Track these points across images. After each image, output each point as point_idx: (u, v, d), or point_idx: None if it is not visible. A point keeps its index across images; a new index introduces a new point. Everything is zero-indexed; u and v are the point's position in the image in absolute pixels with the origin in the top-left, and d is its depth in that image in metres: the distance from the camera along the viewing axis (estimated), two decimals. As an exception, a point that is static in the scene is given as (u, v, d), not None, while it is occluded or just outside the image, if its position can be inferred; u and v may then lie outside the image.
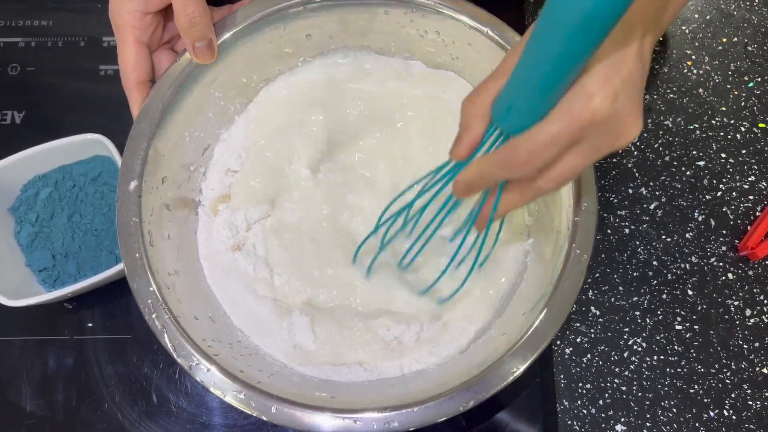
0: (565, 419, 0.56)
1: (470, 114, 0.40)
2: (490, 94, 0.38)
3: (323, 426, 0.45)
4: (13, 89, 0.70)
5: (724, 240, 0.62)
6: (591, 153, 0.37)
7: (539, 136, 0.36)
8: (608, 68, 0.35)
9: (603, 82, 0.35)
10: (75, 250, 0.61)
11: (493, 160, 0.39)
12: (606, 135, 0.37)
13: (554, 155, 0.37)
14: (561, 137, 0.36)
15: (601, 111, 0.35)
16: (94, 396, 0.60)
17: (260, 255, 0.58)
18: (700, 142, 0.65)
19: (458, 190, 0.42)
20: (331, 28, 0.59)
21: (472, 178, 0.41)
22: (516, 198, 0.42)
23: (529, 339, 0.47)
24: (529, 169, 0.37)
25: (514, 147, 0.37)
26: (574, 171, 0.38)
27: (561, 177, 0.39)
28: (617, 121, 0.36)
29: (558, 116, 0.35)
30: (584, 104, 0.35)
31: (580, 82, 0.35)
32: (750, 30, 0.69)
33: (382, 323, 0.55)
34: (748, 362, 0.58)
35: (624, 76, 0.35)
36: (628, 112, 0.36)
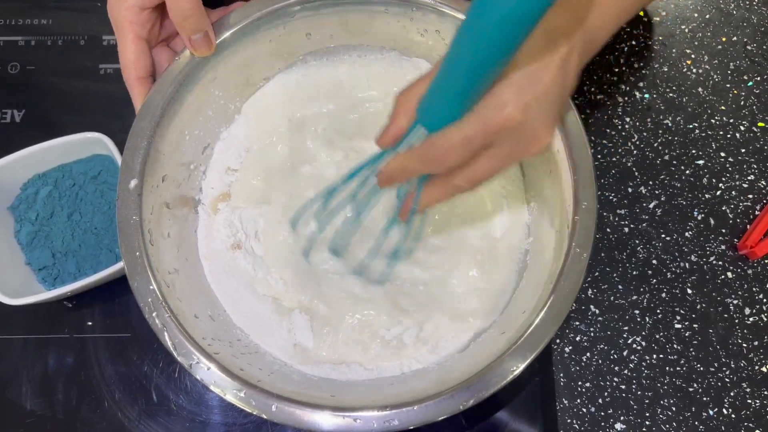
0: (565, 418, 0.57)
1: (399, 106, 0.42)
2: (420, 90, 0.41)
3: (323, 424, 0.45)
4: (13, 88, 0.70)
5: (723, 239, 0.62)
6: (503, 158, 0.40)
7: (453, 137, 0.39)
8: (525, 79, 0.37)
9: (516, 93, 0.37)
10: (75, 249, 0.61)
11: (412, 155, 0.41)
12: (517, 142, 0.39)
13: (467, 156, 0.40)
14: (473, 140, 0.38)
15: (512, 120, 0.37)
16: (94, 395, 0.60)
17: (258, 254, 0.58)
18: (700, 141, 0.65)
19: (381, 179, 0.45)
20: (331, 27, 0.59)
21: (393, 169, 0.43)
22: (435, 193, 0.45)
23: (529, 338, 0.47)
24: (443, 165, 0.40)
25: (431, 144, 0.40)
26: (489, 173, 0.41)
27: (476, 177, 0.42)
28: (528, 130, 0.39)
29: (471, 120, 0.38)
30: (496, 112, 0.37)
31: (495, 89, 0.37)
32: (749, 29, 0.69)
33: (383, 322, 0.55)
34: (747, 361, 0.58)
35: (538, 90, 0.38)
36: (539, 123, 0.39)
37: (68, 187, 0.62)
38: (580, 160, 0.51)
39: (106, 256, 0.61)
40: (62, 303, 0.63)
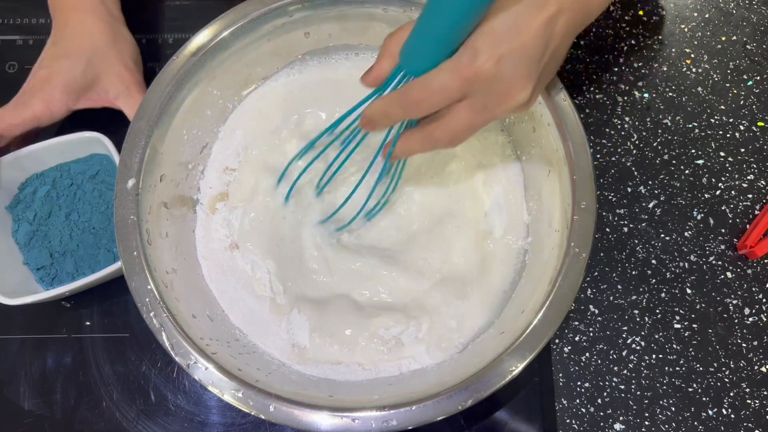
0: (564, 418, 0.56)
1: (385, 48, 0.44)
2: (406, 33, 0.42)
3: (321, 424, 0.45)
4: (11, 87, 0.70)
5: (722, 239, 0.61)
6: (479, 110, 0.41)
7: (430, 81, 0.40)
8: (504, 31, 0.38)
9: (491, 44, 0.38)
10: (73, 249, 0.61)
11: (392, 98, 0.43)
12: (491, 95, 0.40)
13: (443, 102, 0.41)
14: (449, 86, 0.39)
15: (484, 69, 0.38)
16: (92, 395, 0.60)
17: (256, 254, 0.58)
18: (699, 141, 0.65)
19: (363, 122, 0.46)
20: (329, 26, 0.59)
21: (375, 111, 0.44)
22: (414, 143, 0.46)
23: (528, 338, 0.47)
24: (420, 109, 0.41)
25: (409, 87, 0.41)
26: (467, 126, 0.42)
27: (454, 130, 0.43)
28: (502, 83, 0.39)
29: (447, 66, 0.39)
30: (469, 59, 0.38)
31: (473, 37, 0.38)
32: (749, 28, 0.69)
33: (381, 322, 0.55)
34: (746, 361, 0.58)
35: (515, 44, 0.38)
36: (513, 77, 0.39)
37: (66, 186, 0.62)
38: (580, 160, 0.51)
39: (104, 256, 0.61)
40: (60, 303, 0.63)
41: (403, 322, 0.55)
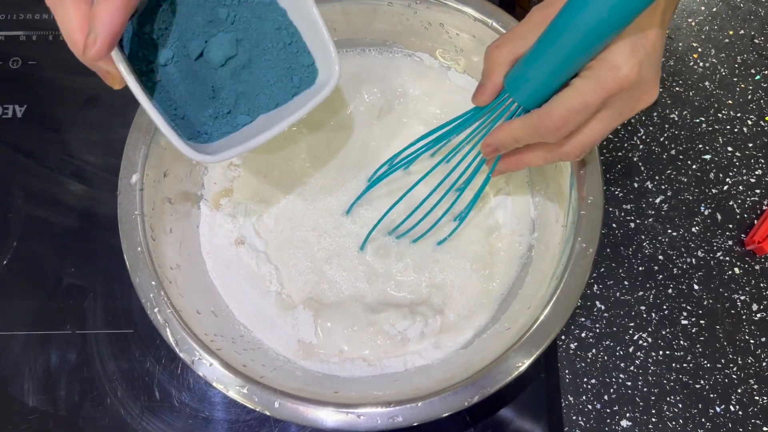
0: (570, 415, 0.56)
1: (494, 62, 0.42)
2: (515, 47, 0.41)
3: (326, 421, 0.45)
4: (14, 83, 0.70)
5: (730, 234, 0.61)
6: (614, 118, 0.40)
7: (571, 104, 0.39)
8: (634, 39, 0.37)
9: (629, 55, 0.37)
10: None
11: (525, 125, 0.42)
12: (628, 101, 0.40)
13: (582, 121, 0.40)
14: (591, 105, 0.38)
15: (629, 80, 0.38)
16: (96, 391, 0.60)
17: (261, 250, 0.58)
18: (707, 136, 0.64)
19: (487, 151, 0.45)
20: (333, 20, 0.59)
21: (503, 139, 0.43)
22: (538, 158, 0.45)
23: (534, 334, 0.47)
24: (560, 134, 0.40)
25: (548, 113, 0.40)
26: (599, 136, 0.41)
27: (586, 142, 0.42)
28: (641, 88, 0.39)
29: (587, 85, 0.38)
30: (612, 75, 0.37)
31: (607, 51, 0.37)
32: (756, 22, 0.68)
33: (387, 318, 0.55)
34: (754, 357, 0.57)
35: (648, 48, 0.38)
36: (650, 79, 0.39)
37: None
38: (586, 155, 0.51)
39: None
40: (64, 298, 0.63)
41: (408, 317, 0.54)
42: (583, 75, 0.38)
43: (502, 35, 0.42)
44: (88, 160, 0.67)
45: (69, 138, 0.68)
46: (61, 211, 0.65)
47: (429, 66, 0.62)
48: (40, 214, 0.65)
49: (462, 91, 0.62)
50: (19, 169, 0.67)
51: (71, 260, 0.64)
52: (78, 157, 0.67)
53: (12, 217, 0.65)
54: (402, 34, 0.60)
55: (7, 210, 0.65)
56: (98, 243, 0.64)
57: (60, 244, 0.64)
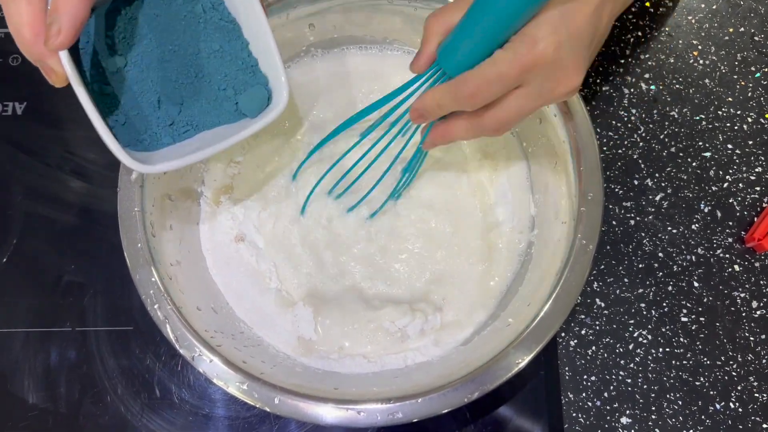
0: (570, 412, 0.56)
1: (429, 30, 0.43)
2: (450, 17, 0.42)
3: (326, 417, 0.45)
4: (14, 80, 0.70)
5: (730, 231, 0.61)
6: (533, 97, 0.41)
7: (486, 73, 0.39)
8: (557, 19, 0.38)
9: (549, 32, 0.38)
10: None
11: (445, 90, 0.42)
12: (547, 81, 0.40)
13: (499, 92, 0.40)
14: (506, 76, 0.39)
15: (544, 56, 0.38)
16: (96, 388, 0.60)
17: (261, 246, 0.58)
18: (707, 133, 0.64)
19: (414, 116, 0.46)
20: (333, 17, 0.59)
21: (427, 104, 0.44)
22: (461, 131, 0.45)
23: (534, 330, 0.47)
24: (475, 101, 0.41)
25: (464, 80, 0.40)
26: (518, 113, 0.42)
27: (504, 118, 0.42)
28: (559, 69, 0.39)
29: (504, 56, 0.39)
30: (529, 48, 0.38)
31: (528, 27, 0.38)
32: (757, 20, 0.68)
33: (387, 315, 0.55)
34: (754, 354, 0.57)
35: (572, 30, 0.39)
36: (569, 62, 0.39)
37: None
38: (586, 152, 0.51)
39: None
40: (64, 295, 0.63)
41: (408, 314, 0.54)
42: (504, 47, 0.39)
43: (445, 5, 0.43)
44: (88, 157, 0.67)
45: (69, 135, 0.68)
46: (62, 208, 0.65)
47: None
48: (40, 211, 0.65)
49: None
50: (19, 167, 0.67)
51: (71, 257, 0.64)
52: (78, 154, 0.67)
53: (12, 214, 0.65)
54: (402, 32, 0.60)
55: (7, 207, 0.65)
56: (98, 240, 0.64)
57: (60, 241, 0.64)
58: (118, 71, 0.43)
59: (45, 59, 0.38)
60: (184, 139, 0.46)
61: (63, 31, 0.36)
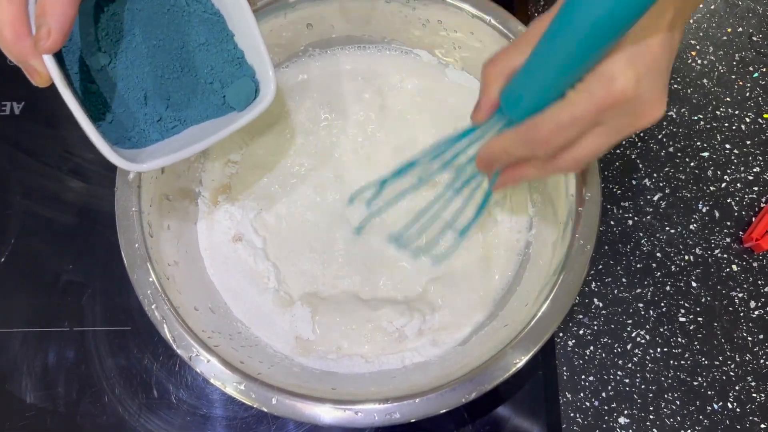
0: (568, 412, 0.56)
1: (488, 77, 0.41)
2: (510, 61, 0.40)
3: (324, 417, 0.45)
4: (12, 80, 0.70)
5: (728, 231, 0.61)
6: (612, 134, 0.38)
7: (559, 118, 0.37)
8: (633, 52, 0.35)
9: (626, 66, 0.35)
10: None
11: (515, 137, 0.40)
12: (627, 117, 0.37)
13: (574, 136, 0.38)
14: (582, 119, 0.36)
15: (624, 94, 0.35)
16: (94, 388, 0.60)
17: (259, 246, 0.58)
18: (705, 133, 0.64)
19: (481, 165, 0.44)
20: (331, 17, 0.59)
21: (495, 152, 0.42)
22: (533, 172, 0.43)
23: (532, 330, 0.47)
24: (549, 148, 0.38)
25: (535, 125, 0.38)
26: (596, 152, 0.39)
27: (582, 157, 0.39)
28: (639, 104, 0.36)
29: (579, 98, 0.36)
30: (607, 87, 0.35)
31: (602, 64, 0.35)
32: (755, 20, 0.68)
33: (384, 315, 0.55)
34: (752, 354, 0.57)
35: (649, 62, 0.35)
36: (650, 96, 0.36)
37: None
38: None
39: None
40: (62, 295, 0.63)
41: (406, 314, 0.54)
42: (576, 88, 0.36)
43: (498, 50, 0.41)
44: (86, 156, 0.67)
45: (67, 135, 0.68)
46: (60, 207, 0.65)
47: (427, 63, 0.62)
48: (38, 211, 0.65)
49: (460, 88, 0.62)
50: (17, 166, 0.67)
51: (69, 257, 0.64)
52: (76, 154, 0.67)
53: (10, 213, 0.65)
54: (400, 31, 0.60)
55: (6, 207, 0.65)
56: (96, 240, 0.64)
57: (58, 240, 0.64)
58: (103, 69, 0.43)
59: (28, 59, 0.38)
60: (172, 135, 0.46)
61: (53, 33, 0.36)
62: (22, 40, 0.37)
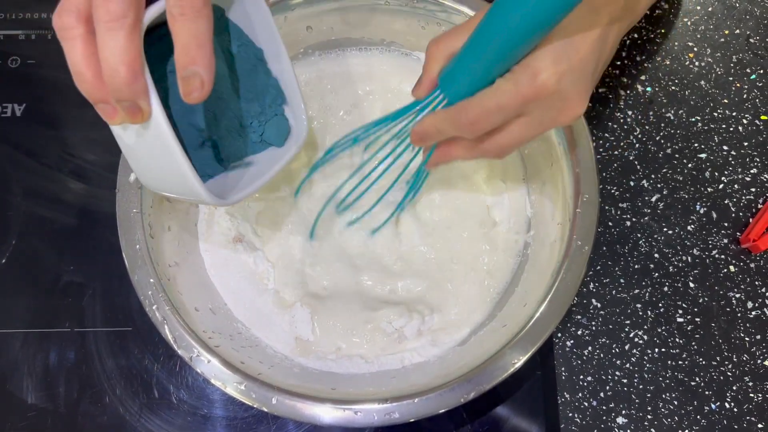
0: (567, 412, 0.56)
1: (431, 56, 0.43)
2: (452, 43, 0.42)
3: (324, 417, 0.45)
4: (13, 82, 0.70)
5: (725, 232, 0.61)
6: (534, 126, 0.41)
7: (487, 103, 0.39)
8: (560, 50, 0.37)
9: (552, 61, 0.37)
10: None
11: (445, 117, 0.42)
12: (549, 111, 0.39)
13: (499, 122, 0.40)
14: (506, 107, 0.39)
15: (546, 88, 0.37)
16: (95, 388, 0.60)
17: (259, 247, 0.58)
18: (702, 135, 0.65)
19: (415, 139, 0.46)
20: (331, 19, 0.59)
21: (427, 128, 0.44)
22: (462, 153, 0.46)
23: (530, 331, 0.47)
24: (475, 129, 0.41)
25: (464, 108, 0.40)
26: (519, 140, 0.42)
27: (505, 144, 0.42)
28: (561, 99, 0.39)
29: (505, 86, 0.38)
30: (530, 80, 0.37)
31: (531, 55, 0.38)
32: (752, 21, 0.68)
33: (384, 315, 0.55)
34: (749, 355, 0.58)
35: (574, 60, 0.38)
36: (572, 93, 0.39)
37: None
38: (582, 153, 0.51)
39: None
40: (63, 296, 0.63)
41: (405, 315, 0.55)
42: (505, 77, 0.39)
43: (447, 32, 0.43)
44: (87, 158, 0.67)
45: (68, 136, 0.68)
46: (61, 208, 0.65)
47: (426, 65, 0.63)
48: (39, 212, 0.65)
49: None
50: (18, 168, 0.67)
51: (70, 258, 0.64)
52: (77, 156, 0.67)
53: (11, 215, 0.65)
54: (399, 33, 0.61)
55: (7, 208, 0.66)
56: (97, 241, 0.64)
57: (59, 241, 0.64)
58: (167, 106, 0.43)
59: (138, 99, 0.36)
60: (224, 172, 0.47)
61: (206, 85, 0.36)
62: (138, 81, 0.35)
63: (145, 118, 0.37)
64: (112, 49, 0.34)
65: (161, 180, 0.42)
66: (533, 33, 0.36)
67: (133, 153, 0.42)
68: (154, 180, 0.43)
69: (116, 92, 0.35)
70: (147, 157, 0.41)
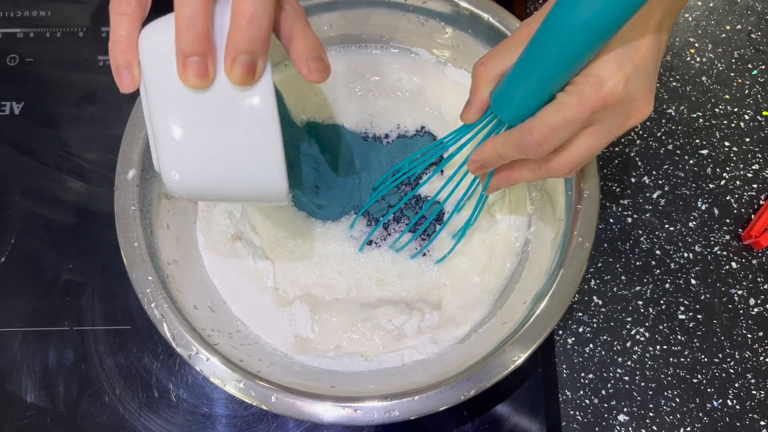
0: (568, 409, 0.56)
1: (479, 78, 0.41)
2: (500, 63, 0.40)
3: (324, 415, 0.45)
4: (11, 80, 0.70)
5: (727, 229, 0.61)
6: (604, 135, 0.39)
7: (551, 121, 0.37)
8: (621, 53, 0.36)
9: (615, 68, 0.35)
10: None
11: (507, 141, 0.40)
12: (617, 117, 0.38)
13: (566, 138, 0.38)
14: (573, 122, 0.37)
15: (613, 95, 0.36)
16: (94, 387, 0.60)
17: (258, 245, 0.58)
18: (704, 131, 0.64)
19: (474, 168, 0.44)
20: (329, 16, 0.59)
21: (487, 155, 0.42)
22: (526, 175, 0.43)
23: (531, 328, 0.47)
24: (542, 151, 0.39)
25: (528, 129, 0.38)
26: (589, 153, 0.40)
27: (575, 159, 0.40)
28: (629, 103, 0.37)
29: (569, 100, 0.36)
30: (595, 90, 0.36)
31: (592, 66, 0.36)
32: (754, 17, 0.68)
33: (384, 313, 0.55)
34: (752, 352, 0.57)
35: (637, 62, 0.36)
36: (639, 95, 0.37)
37: None
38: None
39: None
40: (62, 294, 0.63)
41: (405, 312, 0.54)
42: (566, 90, 0.37)
43: (489, 51, 0.42)
44: (85, 156, 0.67)
45: (67, 135, 0.68)
46: (59, 207, 0.65)
47: (426, 61, 0.62)
48: (37, 211, 0.65)
49: (458, 86, 0.62)
50: (16, 166, 0.67)
51: (69, 257, 0.64)
52: (76, 154, 0.67)
53: (10, 213, 0.65)
54: (399, 30, 0.60)
55: (5, 207, 0.65)
56: (96, 239, 0.64)
57: (58, 240, 0.64)
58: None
59: (258, 57, 0.38)
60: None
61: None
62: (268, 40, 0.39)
63: (256, 78, 0.39)
64: (256, 3, 0.36)
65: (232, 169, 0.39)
66: (598, 40, 0.34)
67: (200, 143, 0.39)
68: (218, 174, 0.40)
69: (246, 42, 0.37)
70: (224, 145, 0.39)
